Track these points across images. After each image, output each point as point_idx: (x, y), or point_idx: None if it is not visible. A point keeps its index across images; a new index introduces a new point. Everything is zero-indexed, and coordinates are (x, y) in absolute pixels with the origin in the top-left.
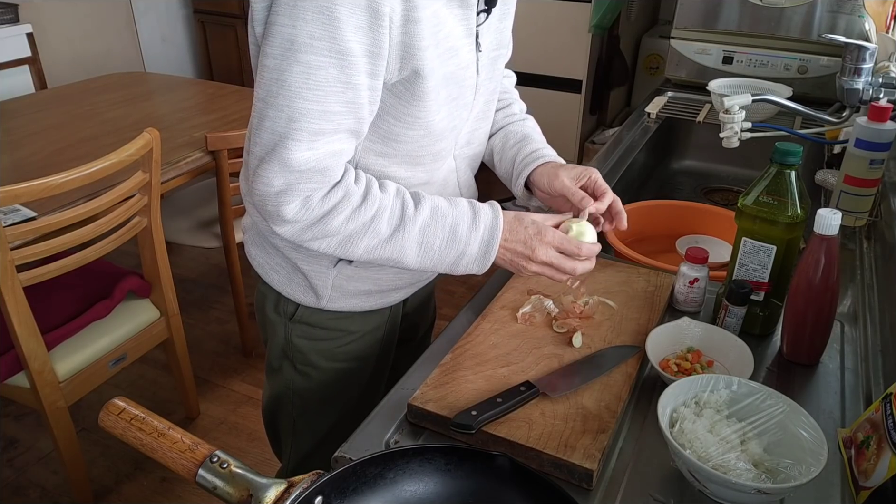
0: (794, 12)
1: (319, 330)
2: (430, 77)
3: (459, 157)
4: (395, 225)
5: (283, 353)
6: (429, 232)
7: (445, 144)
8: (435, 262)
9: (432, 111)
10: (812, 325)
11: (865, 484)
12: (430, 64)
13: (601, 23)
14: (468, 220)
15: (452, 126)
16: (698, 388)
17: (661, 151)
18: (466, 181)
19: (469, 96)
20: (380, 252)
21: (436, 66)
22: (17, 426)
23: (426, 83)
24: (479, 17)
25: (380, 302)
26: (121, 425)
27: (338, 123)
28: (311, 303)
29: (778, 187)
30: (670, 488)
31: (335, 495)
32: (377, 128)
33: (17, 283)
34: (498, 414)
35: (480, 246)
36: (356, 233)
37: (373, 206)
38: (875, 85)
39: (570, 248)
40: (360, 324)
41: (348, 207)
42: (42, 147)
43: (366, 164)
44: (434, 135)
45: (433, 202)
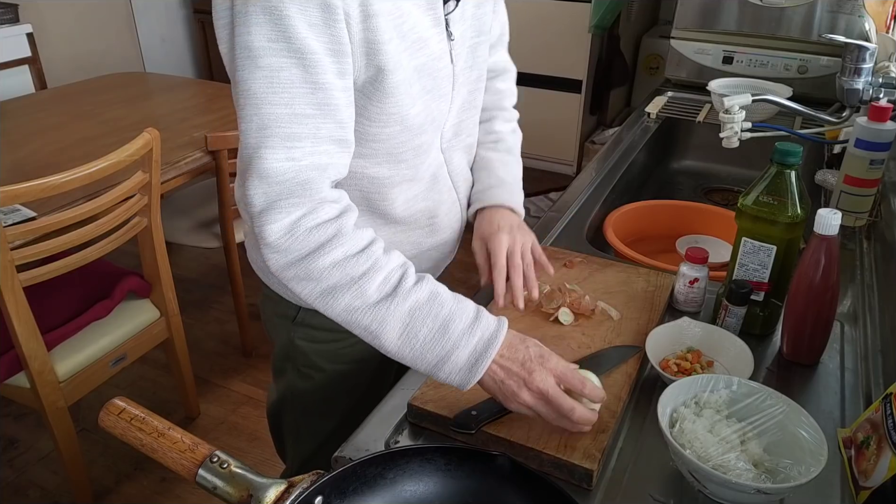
0: (794, 12)
1: (322, 332)
2: (398, 71)
3: (448, 150)
4: (386, 293)
5: (286, 356)
6: (418, 316)
7: (427, 138)
8: (416, 353)
9: (406, 105)
10: (812, 325)
11: (865, 484)
12: (397, 58)
13: (601, 23)
14: (467, 321)
15: (432, 119)
16: (698, 388)
17: (661, 151)
18: (461, 173)
19: (446, 87)
20: (360, 317)
21: (403, 60)
22: (17, 426)
23: (394, 77)
24: (448, 5)
25: None
26: (121, 425)
27: (314, 128)
28: None
29: (778, 187)
30: (670, 488)
31: (335, 495)
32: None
33: (17, 283)
34: (498, 414)
35: (471, 355)
36: (341, 285)
37: (367, 262)
38: (875, 85)
39: (575, 381)
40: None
41: (339, 251)
42: (42, 147)
43: None
44: (412, 129)
45: (437, 287)
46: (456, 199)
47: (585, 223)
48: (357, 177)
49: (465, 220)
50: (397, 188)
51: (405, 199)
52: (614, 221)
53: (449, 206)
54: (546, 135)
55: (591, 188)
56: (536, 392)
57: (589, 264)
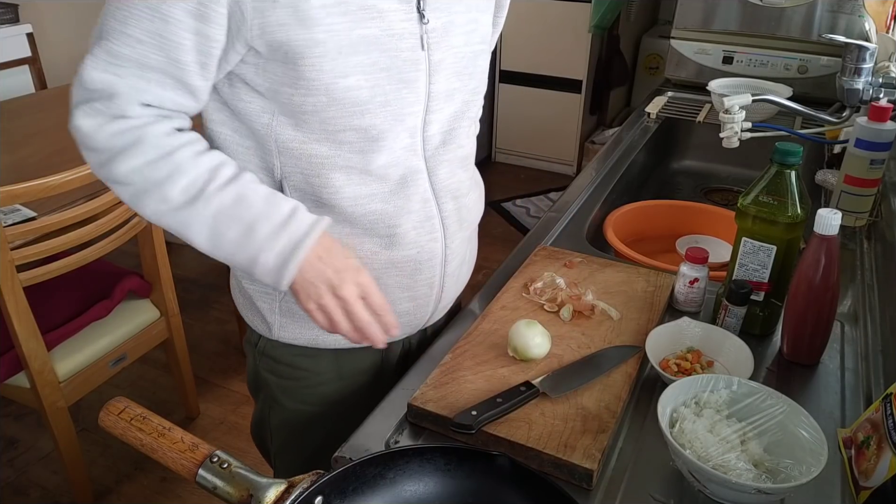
0: (794, 12)
1: (283, 366)
2: (314, 30)
3: (434, 159)
4: (190, 197)
5: (255, 383)
6: (222, 220)
7: (375, 122)
8: (227, 255)
9: (329, 73)
10: (812, 325)
11: (865, 484)
12: (315, 15)
13: (601, 23)
14: (274, 224)
15: (383, 103)
16: (698, 388)
17: (661, 151)
18: (449, 189)
19: (411, 73)
20: (167, 220)
21: (335, 22)
22: (17, 426)
23: (311, 35)
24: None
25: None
26: (121, 425)
27: (141, 54)
28: (265, 332)
29: (778, 187)
30: (670, 488)
31: (335, 495)
32: (278, 97)
33: (17, 283)
34: (498, 414)
35: (278, 257)
36: (144, 190)
37: (168, 167)
38: (875, 85)
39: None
40: (331, 364)
41: (139, 158)
42: (42, 147)
43: (284, 140)
44: (344, 105)
45: (246, 189)
46: (435, 214)
47: (585, 223)
48: (295, 154)
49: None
50: (340, 173)
51: (354, 194)
52: (614, 221)
53: (420, 220)
54: (546, 135)
55: (591, 188)
56: (341, 300)
57: (589, 264)
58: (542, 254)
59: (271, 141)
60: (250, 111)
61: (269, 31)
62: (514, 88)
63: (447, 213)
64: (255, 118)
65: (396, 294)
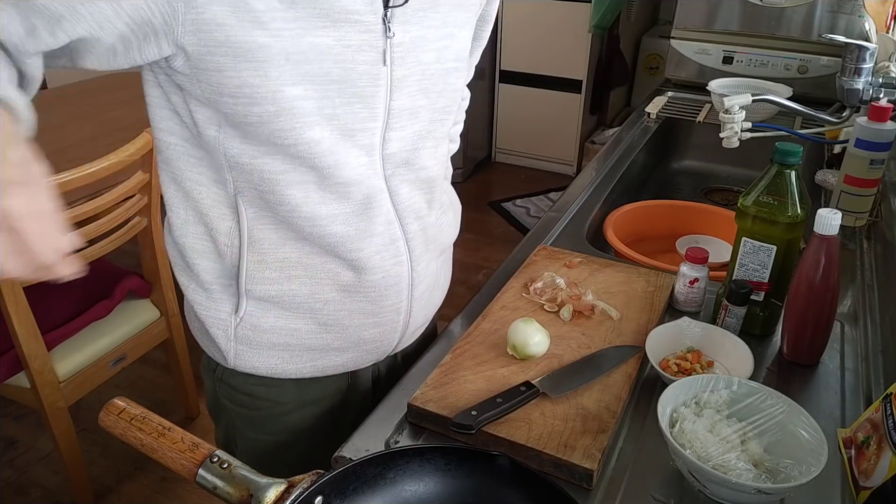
0: (794, 12)
1: (242, 396)
2: (256, 32)
3: (394, 179)
4: None
5: (216, 409)
6: None
7: (325, 136)
8: None
9: (275, 80)
10: (812, 325)
11: (865, 484)
12: (259, 17)
13: (601, 23)
14: None
15: (332, 115)
16: (698, 388)
17: (661, 151)
18: (413, 210)
19: (370, 88)
20: None
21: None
22: (17, 426)
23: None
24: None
25: (311, 366)
26: (121, 425)
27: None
28: (221, 360)
29: (778, 187)
30: (670, 488)
31: (335, 495)
32: (220, 107)
33: (17, 282)
34: (498, 414)
35: None
36: None
37: None
38: (875, 85)
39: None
40: (293, 394)
41: None
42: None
43: (233, 154)
44: (293, 115)
45: None
46: (399, 236)
47: (585, 223)
48: (246, 169)
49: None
50: (296, 190)
51: (313, 214)
52: (614, 221)
53: (384, 243)
54: (546, 135)
55: (591, 188)
56: None
57: (589, 264)
58: (542, 254)
59: (220, 154)
60: (197, 120)
61: (205, 30)
62: (514, 88)
63: (412, 234)
64: (203, 128)
65: (361, 320)
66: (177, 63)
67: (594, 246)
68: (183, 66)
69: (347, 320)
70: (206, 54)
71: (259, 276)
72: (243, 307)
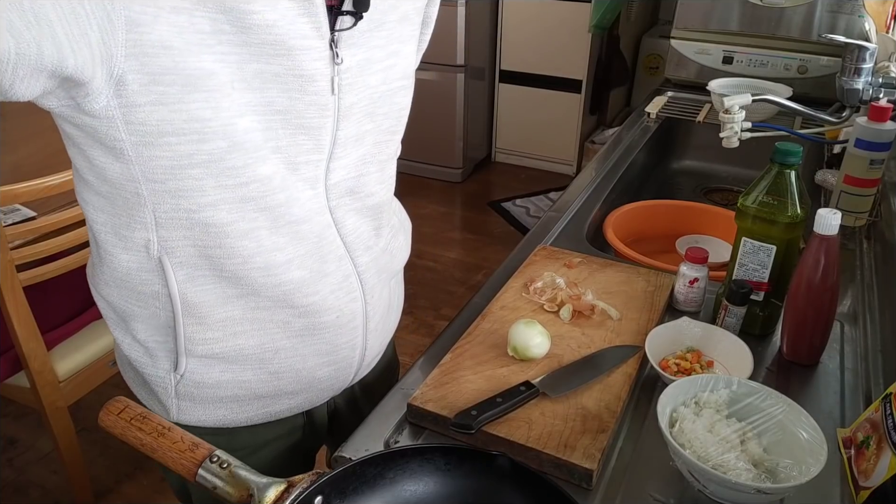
0: (794, 12)
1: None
2: (204, 58)
3: (340, 210)
4: None
5: None
6: None
7: (276, 171)
8: None
9: (226, 112)
10: (812, 325)
11: (865, 484)
12: (205, 40)
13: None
14: None
15: (276, 148)
16: (698, 388)
17: (661, 151)
18: (361, 240)
19: (316, 119)
20: None
21: (229, 53)
22: (17, 426)
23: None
24: (342, 20)
25: (263, 412)
26: (121, 425)
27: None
28: (163, 414)
29: (778, 187)
30: (670, 488)
31: (335, 495)
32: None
33: (17, 283)
34: (498, 414)
35: None
36: None
37: None
38: (875, 85)
39: None
40: (247, 439)
41: None
42: (42, 147)
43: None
44: (246, 150)
45: None
46: (351, 271)
47: (585, 223)
48: (184, 225)
49: (370, 299)
50: (248, 240)
51: (267, 263)
52: (614, 221)
53: (338, 281)
54: (546, 135)
55: (591, 188)
56: None
57: (589, 264)
58: (542, 254)
59: (146, 211)
60: (110, 177)
61: (150, 54)
62: (514, 88)
63: (363, 267)
64: (120, 185)
65: (314, 361)
66: (98, 104)
67: (594, 246)
68: (105, 108)
69: (300, 364)
70: (150, 83)
71: (199, 338)
72: (183, 365)
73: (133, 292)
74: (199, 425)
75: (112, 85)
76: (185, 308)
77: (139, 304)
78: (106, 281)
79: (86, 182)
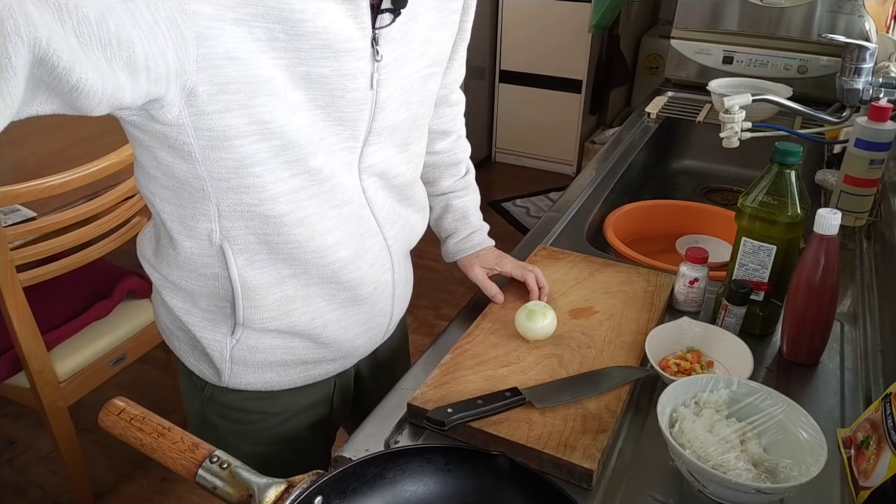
0: (794, 12)
1: (234, 411)
2: (262, 66)
3: (371, 189)
4: None
5: (202, 427)
6: None
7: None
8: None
9: (282, 113)
10: (812, 325)
11: (865, 484)
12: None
13: (601, 23)
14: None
15: (320, 139)
16: (698, 388)
17: (661, 151)
18: (388, 217)
19: (354, 112)
20: None
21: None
22: (17, 426)
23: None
24: (381, 17)
25: (304, 376)
26: (121, 425)
27: None
28: (213, 380)
29: (778, 187)
30: (670, 488)
31: (335, 495)
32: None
33: (17, 283)
34: (475, 416)
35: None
36: None
37: None
38: (875, 85)
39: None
40: (288, 403)
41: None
42: (42, 147)
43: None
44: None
45: None
46: (384, 245)
47: (585, 223)
48: (246, 217)
49: (397, 269)
50: (302, 227)
51: (319, 246)
52: (614, 221)
53: (375, 255)
54: (546, 135)
55: (591, 188)
56: None
57: (589, 264)
58: (543, 254)
59: (211, 205)
60: (178, 174)
61: (217, 65)
62: (514, 88)
63: (391, 240)
64: (187, 181)
65: (355, 330)
66: (170, 114)
67: (594, 246)
68: (177, 117)
69: (343, 335)
70: (218, 93)
71: (256, 318)
72: (240, 332)
73: (195, 273)
74: (248, 388)
75: (184, 97)
76: (244, 290)
77: (199, 283)
78: (169, 262)
79: (152, 177)
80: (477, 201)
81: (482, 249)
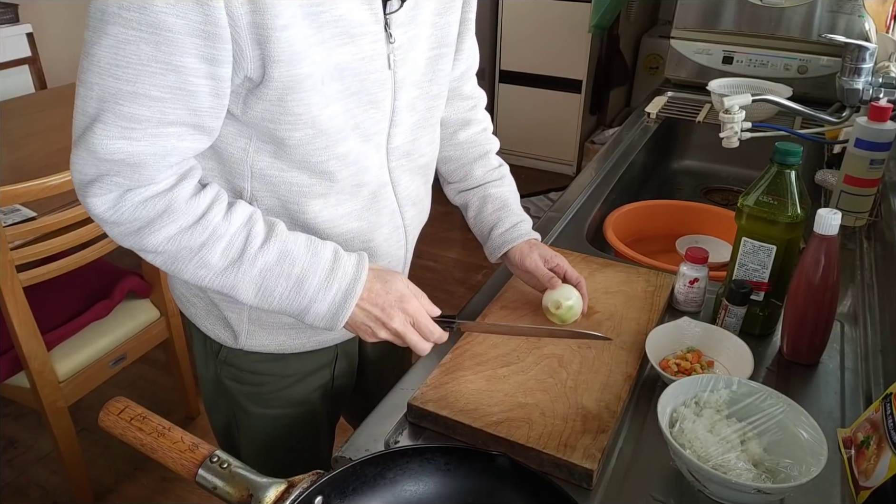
0: (794, 12)
1: (247, 374)
2: (302, 63)
3: (397, 170)
4: (232, 259)
5: (216, 392)
6: (270, 277)
7: (352, 147)
8: (277, 308)
9: (316, 105)
10: (812, 325)
11: (865, 484)
12: (301, 48)
13: (601, 23)
14: (321, 276)
15: (355, 125)
16: (698, 388)
17: (661, 151)
18: (410, 196)
19: (379, 93)
20: (210, 283)
21: (314, 52)
22: (17, 426)
23: (294, 70)
24: (391, 3)
25: (314, 340)
26: (121, 425)
27: (159, 112)
28: (229, 342)
29: (778, 187)
30: (670, 488)
31: (335, 495)
32: (258, 127)
33: (17, 283)
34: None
35: (331, 306)
36: (181, 258)
37: (204, 233)
38: (875, 85)
39: (425, 326)
40: (297, 366)
41: (171, 226)
42: (42, 147)
43: (260, 167)
44: (329, 135)
45: (286, 244)
46: (400, 223)
47: (585, 223)
48: (272, 181)
49: (410, 247)
50: (318, 200)
51: (330, 216)
52: (614, 221)
53: (390, 231)
54: (546, 135)
55: (591, 188)
56: (392, 331)
57: (589, 264)
58: None
59: (245, 167)
60: (223, 135)
61: (266, 65)
62: (514, 88)
63: (409, 220)
64: (229, 142)
65: None
66: (237, 88)
67: (594, 246)
68: (240, 90)
69: None
70: (262, 86)
71: None
72: None
73: None
74: (262, 350)
75: (245, 81)
76: None
77: None
78: None
79: None
80: (517, 194)
81: (532, 239)
